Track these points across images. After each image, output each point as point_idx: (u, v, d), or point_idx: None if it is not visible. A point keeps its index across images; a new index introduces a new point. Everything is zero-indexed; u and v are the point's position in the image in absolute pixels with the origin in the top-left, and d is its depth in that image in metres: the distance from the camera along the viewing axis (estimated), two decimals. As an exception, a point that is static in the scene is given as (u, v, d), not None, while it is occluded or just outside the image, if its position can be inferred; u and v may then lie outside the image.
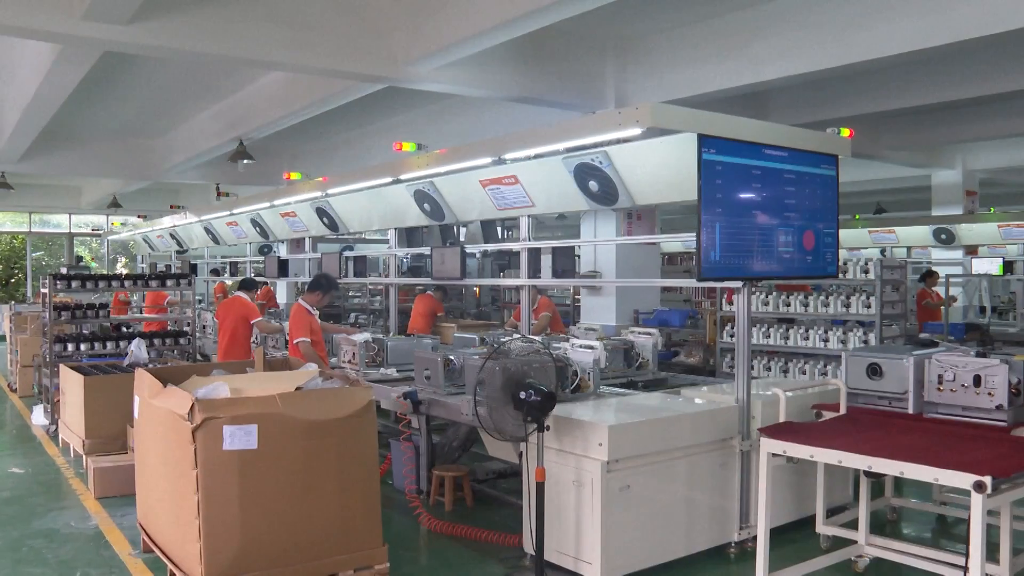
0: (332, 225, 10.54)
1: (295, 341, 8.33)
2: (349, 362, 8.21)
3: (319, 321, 8.68)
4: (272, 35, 8.60)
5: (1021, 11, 7.25)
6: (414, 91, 10.54)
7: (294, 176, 10.72)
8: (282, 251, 13.33)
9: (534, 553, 5.21)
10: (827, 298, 9.77)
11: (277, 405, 4.82)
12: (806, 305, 9.89)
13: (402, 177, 8.33)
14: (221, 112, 14.05)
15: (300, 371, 5.85)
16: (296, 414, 4.85)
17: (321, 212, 10.49)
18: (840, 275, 9.35)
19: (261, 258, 14.00)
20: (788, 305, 10.02)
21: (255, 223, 12.48)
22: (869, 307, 9.41)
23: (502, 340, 5.79)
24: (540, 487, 5.11)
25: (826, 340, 9.70)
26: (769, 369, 10.05)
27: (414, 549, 6.12)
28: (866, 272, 9.50)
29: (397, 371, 7.91)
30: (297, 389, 5.16)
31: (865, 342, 9.28)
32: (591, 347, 6.44)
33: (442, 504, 6.86)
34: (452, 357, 6.73)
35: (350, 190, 9.51)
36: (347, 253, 11.00)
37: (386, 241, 10.41)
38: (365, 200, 9.59)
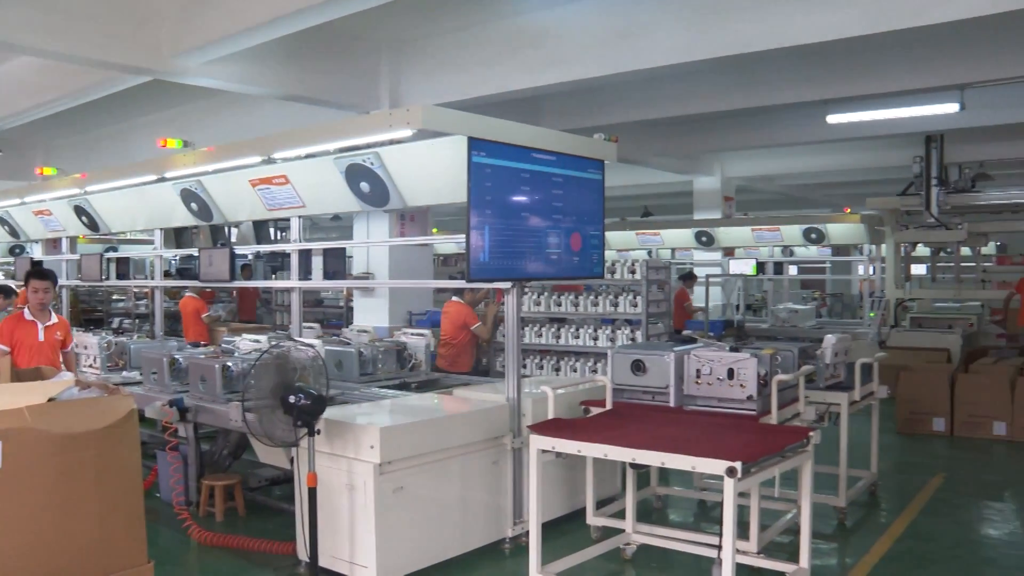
0: (92, 225, 9.90)
1: None
2: (90, 366, 7.81)
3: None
4: (20, 16, 7.94)
5: (772, 34, 7.91)
6: (183, 85, 10.08)
7: (48, 171, 10.02)
8: (36, 252, 12.41)
9: (308, 559, 5.14)
10: (596, 298, 10.14)
11: (26, 418, 4.46)
12: (577, 304, 10.22)
13: (167, 175, 7.96)
14: (-38, 99, 12.90)
15: (53, 381, 5.48)
16: (48, 427, 4.51)
17: (80, 210, 9.83)
18: (609, 275, 9.75)
19: (12, 259, 12.98)
20: (559, 305, 10.33)
21: (3, 221, 11.54)
22: (636, 306, 9.83)
23: (275, 343, 5.67)
24: (312, 492, 5.04)
25: (596, 338, 10.06)
26: (542, 367, 10.32)
27: (183, 563, 5.87)
28: (633, 273, 9.92)
29: (140, 374, 7.61)
30: (50, 400, 4.83)
31: (633, 339, 9.70)
32: (310, 345, 6.45)
33: (213, 515, 6.62)
34: (177, 356, 6.84)
35: (111, 188, 8.97)
36: (110, 254, 10.38)
37: (151, 242, 9.92)
38: (128, 199, 9.08)
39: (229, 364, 6.39)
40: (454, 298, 9.63)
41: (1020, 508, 7.30)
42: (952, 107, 10.78)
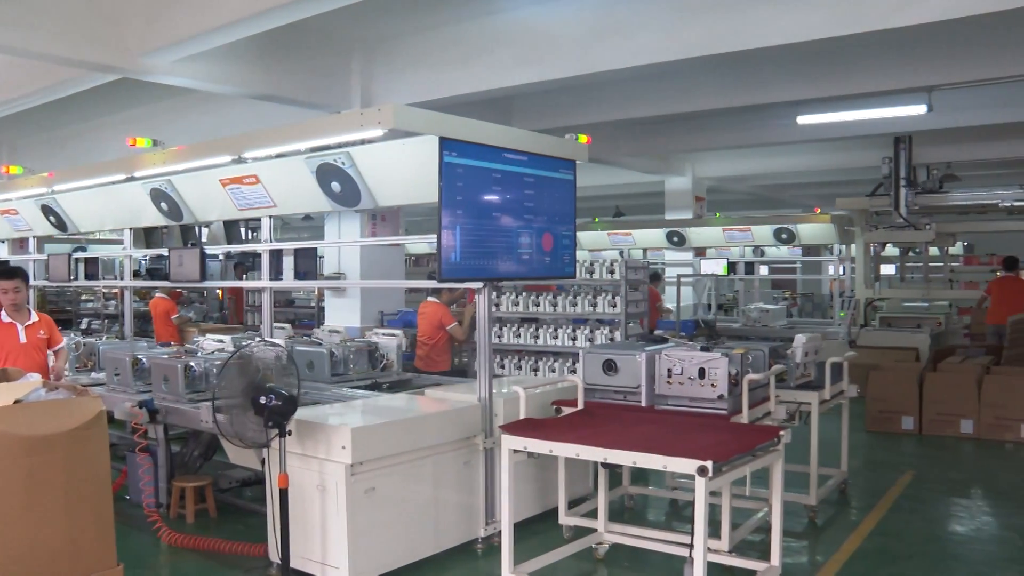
0: (60, 224, 9.79)
1: None
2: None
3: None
4: (-15, 12, 7.85)
5: (745, 35, 7.96)
6: (152, 84, 9.98)
7: (14, 170, 9.88)
8: (2, 252, 12.24)
9: (280, 561, 5.11)
10: (575, 298, 10.13)
11: (-9, 420, 4.42)
12: (555, 305, 10.20)
13: (137, 174, 7.88)
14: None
15: (20, 383, 5.41)
16: (15, 429, 4.46)
17: (47, 210, 9.71)
18: (588, 275, 9.76)
19: (-24, 260, 12.79)
20: (538, 305, 10.30)
21: (-32, 221, 11.39)
22: (615, 306, 9.82)
23: (243, 344, 5.65)
24: (283, 493, 5.02)
25: (574, 338, 10.04)
26: (519, 367, 10.30)
27: (153, 566, 5.82)
28: (612, 272, 9.92)
29: None
30: (16, 402, 4.78)
31: (612, 339, 9.69)
32: (276, 344, 6.45)
33: (184, 517, 6.57)
34: (141, 357, 6.80)
35: (80, 187, 8.88)
36: (78, 254, 10.27)
37: (121, 242, 9.81)
38: (97, 198, 8.98)
39: (192, 364, 6.36)
40: (430, 298, 9.60)
41: (986, 505, 7.39)
42: (920, 109, 10.90)
